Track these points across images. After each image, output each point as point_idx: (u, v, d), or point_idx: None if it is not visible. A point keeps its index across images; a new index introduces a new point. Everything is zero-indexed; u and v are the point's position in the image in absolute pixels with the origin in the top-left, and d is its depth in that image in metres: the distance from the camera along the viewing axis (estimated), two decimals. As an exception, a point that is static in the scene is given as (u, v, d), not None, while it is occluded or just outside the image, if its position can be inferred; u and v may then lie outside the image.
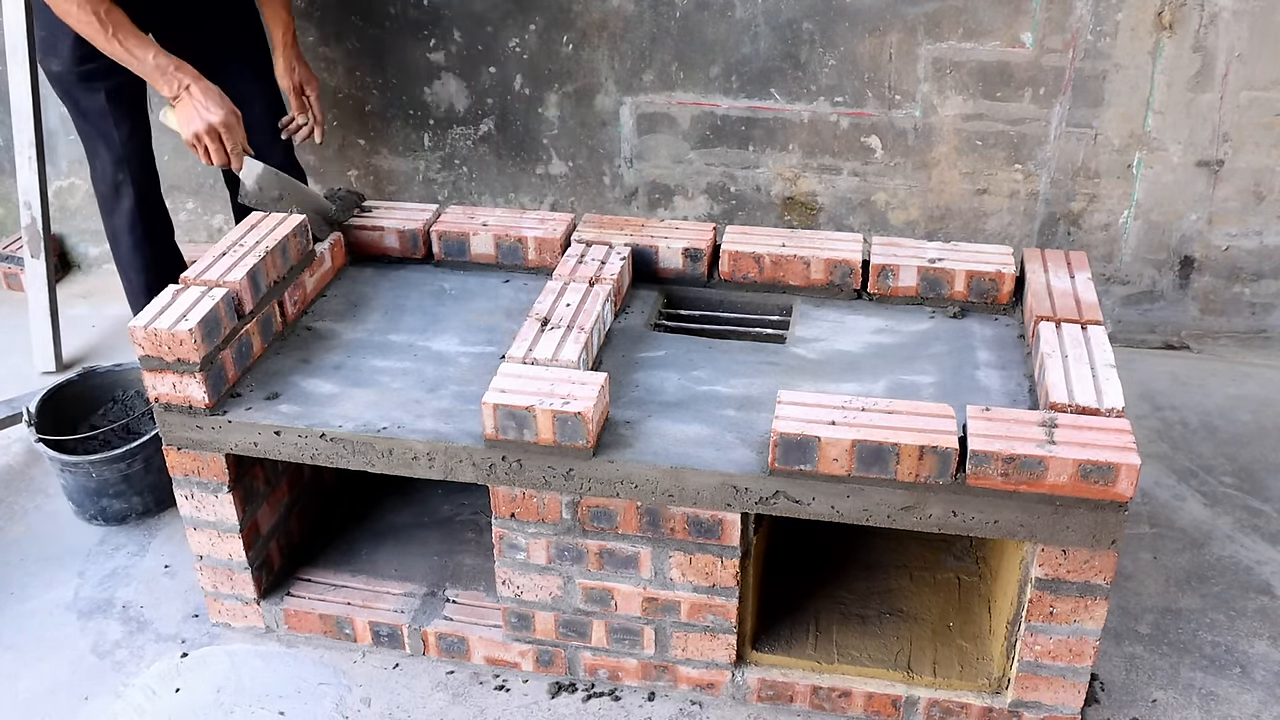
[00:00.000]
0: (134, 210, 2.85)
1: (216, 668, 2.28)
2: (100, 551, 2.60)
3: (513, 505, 2.04)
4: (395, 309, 2.42)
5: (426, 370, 2.22)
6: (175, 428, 2.12)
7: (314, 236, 2.48)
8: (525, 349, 2.09)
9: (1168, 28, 2.94)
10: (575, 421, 1.91)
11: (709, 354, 2.27)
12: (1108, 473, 1.77)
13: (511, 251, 2.53)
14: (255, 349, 2.22)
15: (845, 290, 2.41)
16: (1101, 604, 1.92)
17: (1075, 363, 2.01)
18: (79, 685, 2.25)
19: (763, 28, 3.13)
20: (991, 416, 1.86)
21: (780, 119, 3.25)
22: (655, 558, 2.04)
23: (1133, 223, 3.21)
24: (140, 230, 2.88)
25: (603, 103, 3.33)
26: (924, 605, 2.28)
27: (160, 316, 2.05)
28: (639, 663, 2.19)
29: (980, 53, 3.05)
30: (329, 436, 2.04)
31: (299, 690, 2.22)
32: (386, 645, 2.30)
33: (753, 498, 1.92)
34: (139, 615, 2.42)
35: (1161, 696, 2.20)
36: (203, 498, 2.19)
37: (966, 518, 1.87)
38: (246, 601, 2.33)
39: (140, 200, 2.85)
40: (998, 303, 2.36)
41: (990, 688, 2.10)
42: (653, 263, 2.47)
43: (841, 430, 1.84)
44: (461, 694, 2.21)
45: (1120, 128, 3.08)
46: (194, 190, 3.70)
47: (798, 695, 2.15)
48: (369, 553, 2.45)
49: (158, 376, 2.07)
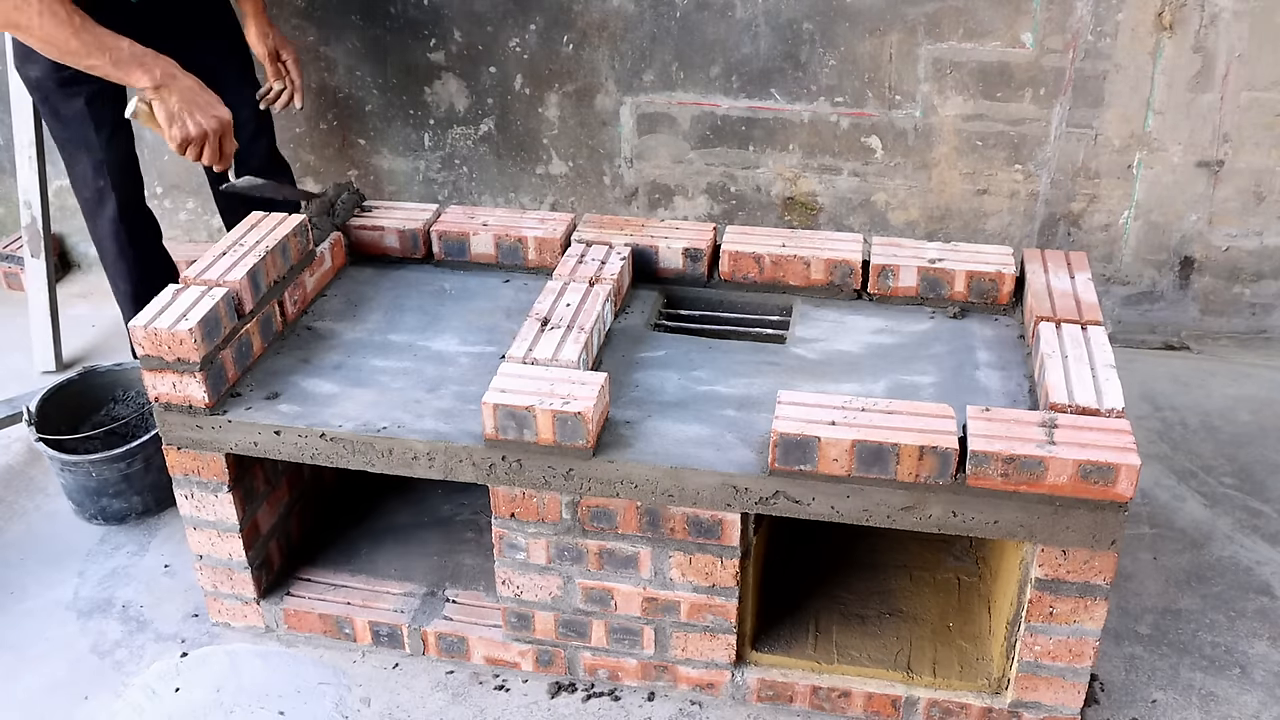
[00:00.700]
0: (117, 217, 2.81)
1: (216, 667, 2.28)
2: (100, 551, 2.60)
3: (513, 505, 2.04)
4: (395, 309, 2.42)
5: (426, 370, 2.22)
6: (175, 427, 2.12)
7: (311, 223, 2.44)
8: (525, 349, 2.09)
9: (1168, 28, 2.94)
10: (575, 421, 1.91)
11: (709, 354, 2.27)
12: (1108, 473, 1.77)
13: (511, 251, 2.53)
14: (255, 349, 2.22)
15: (845, 290, 2.41)
16: (1101, 604, 1.91)
17: (1075, 363, 2.01)
18: (78, 685, 2.25)
19: (763, 28, 3.13)
20: (991, 417, 1.86)
21: (780, 119, 3.25)
22: (655, 558, 2.04)
23: (1133, 223, 3.21)
24: (124, 236, 2.84)
25: (603, 103, 3.33)
26: (924, 605, 2.28)
27: (160, 316, 2.05)
28: (639, 663, 2.19)
29: (980, 53, 3.05)
30: (329, 436, 2.04)
31: (299, 690, 2.22)
32: (386, 645, 2.30)
33: (753, 498, 1.92)
34: (139, 615, 2.42)
35: (1161, 697, 2.20)
36: (203, 497, 2.19)
37: (966, 518, 1.87)
38: (246, 601, 2.33)
39: (124, 207, 2.80)
40: (998, 303, 2.35)
41: (990, 688, 2.10)
42: (653, 263, 2.47)
43: (841, 430, 1.84)
44: (461, 694, 2.21)
45: (1120, 128, 3.08)
46: (194, 190, 3.70)
47: (797, 695, 2.15)
48: (369, 552, 2.45)
49: (158, 376, 2.07)
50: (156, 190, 3.71)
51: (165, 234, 3.76)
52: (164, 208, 3.74)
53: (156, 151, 3.64)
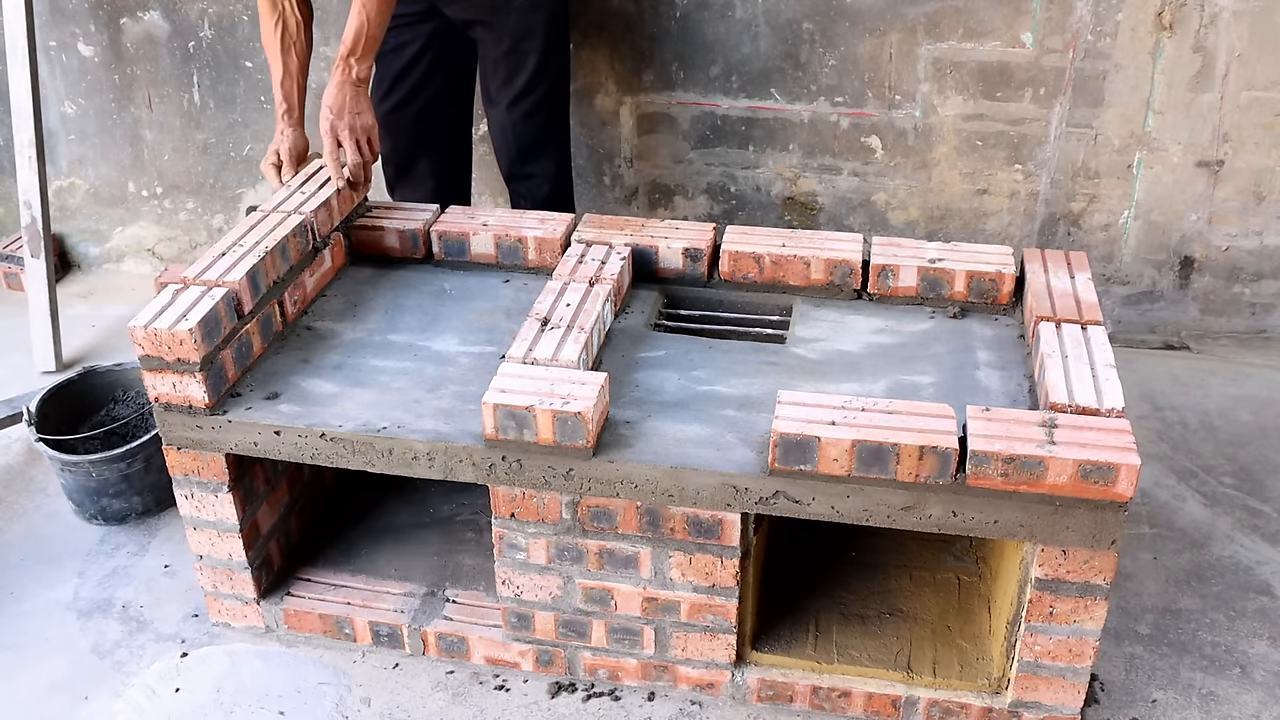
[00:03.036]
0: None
1: (216, 668, 2.28)
2: (100, 551, 2.60)
3: (513, 505, 2.04)
4: (395, 309, 2.42)
5: (426, 370, 2.22)
6: (175, 427, 2.12)
7: None
8: (525, 349, 2.09)
9: (1168, 28, 2.94)
10: (575, 421, 1.91)
11: (709, 354, 2.27)
12: (1108, 473, 1.77)
13: (512, 251, 2.53)
14: (255, 349, 2.22)
15: (845, 290, 2.41)
16: (1101, 604, 1.91)
17: (1075, 363, 2.01)
18: (79, 685, 2.25)
19: (763, 28, 3.13)
20: (991, 417, 1.86)
21: (780, 119, 3.25)
22: (655, 558, 2.04)
23: (1133, 223, 3.21)
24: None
25: (603, 102, 3.33)
26: (924, 605, 2.28)
27: (160, 316, 2.05)
28: (639, 663, 2.19)
29: (980, 53, 3.05)
30: (329, 436, 2.04)
31: (299, 690, 2.22)
32: (386, 645, 2.30)
33: (752, 498, 1.92)
34: (139, 615, 2.42)
35: (1161, 697, 2.20)
36: (203, 497, 2.19)
37: (966, 518, 1.87)
38: (246, 601, 2.33)
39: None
40: (998, 303, 2.35)
41: (990, 688, 2.10)
42: (653, 263, 2.47)
43: (841, 430, 1.84)
44: (461, 694, 2.21)
45: (1120, 128, 3.08)
46: (194, 190, 3.70)
47: (797, 695, 2.15)
48: (369, 552, 2.45)
49: (158, 376, 2.07)
50: (157, 190, 3.71)
51: (164, 234, 3.78)
52: (164, 207, 3.74)
53: (156, 150, 3.64)
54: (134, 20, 3.45)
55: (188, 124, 3.58)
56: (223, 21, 3.41)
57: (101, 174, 3.73)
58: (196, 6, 3.39)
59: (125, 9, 3.44)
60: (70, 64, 3.55)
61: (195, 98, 3.54)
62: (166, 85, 3.53)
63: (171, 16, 3.42)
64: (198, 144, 3.61)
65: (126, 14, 3.45)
